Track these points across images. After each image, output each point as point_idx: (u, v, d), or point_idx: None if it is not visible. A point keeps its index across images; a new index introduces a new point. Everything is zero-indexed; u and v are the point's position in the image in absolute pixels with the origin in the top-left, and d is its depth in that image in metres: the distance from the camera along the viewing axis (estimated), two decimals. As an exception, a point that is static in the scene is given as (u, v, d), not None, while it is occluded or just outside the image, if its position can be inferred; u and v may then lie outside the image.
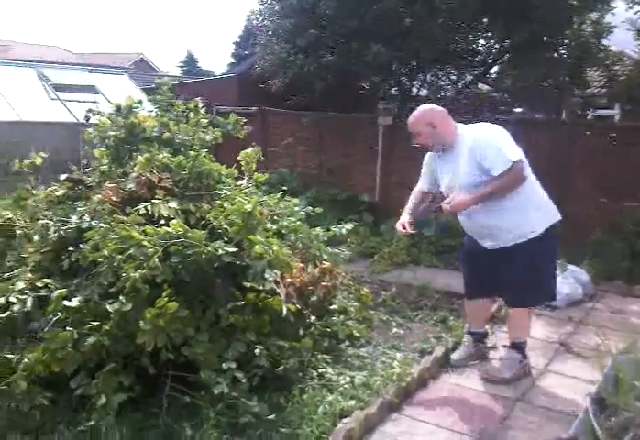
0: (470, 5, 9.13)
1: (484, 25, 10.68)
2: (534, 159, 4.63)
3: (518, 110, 12.72)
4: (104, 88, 12.16)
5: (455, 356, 5.07)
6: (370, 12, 9.59)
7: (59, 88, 11.37)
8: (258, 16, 12.08)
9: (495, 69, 11.98)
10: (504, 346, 5.14)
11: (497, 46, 11.24)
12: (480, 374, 4.85)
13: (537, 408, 4.36)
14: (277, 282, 4.40)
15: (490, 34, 10.97)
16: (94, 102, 11.65)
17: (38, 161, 5.43)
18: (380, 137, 10.34)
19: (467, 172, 4.44)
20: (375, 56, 9.41)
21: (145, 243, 3.73)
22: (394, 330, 5.77)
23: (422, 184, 4.99)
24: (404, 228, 4.75)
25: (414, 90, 12.14)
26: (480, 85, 12.35)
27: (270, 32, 11.73)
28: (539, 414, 4.26)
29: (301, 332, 4.70)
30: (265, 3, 11.91)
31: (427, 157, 4.91)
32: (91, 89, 11.93)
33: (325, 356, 4.85)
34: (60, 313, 3.90)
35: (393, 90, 12.06)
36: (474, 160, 4.38)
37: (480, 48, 11.52)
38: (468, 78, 11.91)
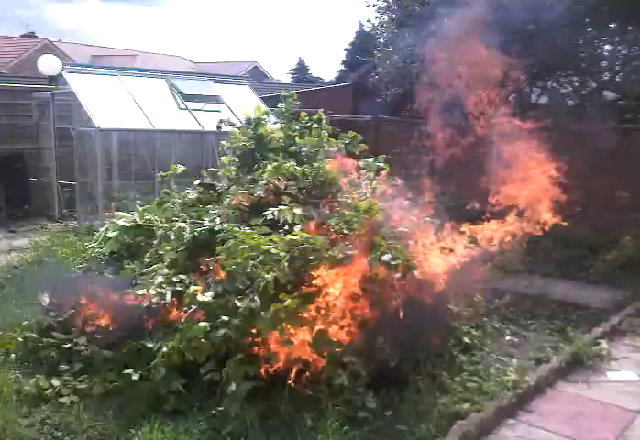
0: (600, 11, 8.84)
1: (611, 30, 10.28)
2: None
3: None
4: (228, 98, 12.77)
5: None
6: (494, 18, 9.50)
7: (187, 98, 12.08)
8: (374, 25, 12.24)
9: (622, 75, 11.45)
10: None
11: (624, 52, 10.76)
12: None
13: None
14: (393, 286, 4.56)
15: (617, 39, 10.52)
16: (218, 111, 12.30)
17: (179, 171, 5.87)
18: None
19: None
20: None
21: (272, 250, 4.02)
22: (508, 338, 5.75)
23: None
24: None
25: (534, 97, 11.85)
26: (605, 93, 11.85)
27: (385, 40, 11.87)
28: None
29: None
30: (382, 12, 12.07)
31: None
32: (215, 98, 12.58)
33: (438, 359, 4.92)
34: (194, 307, 4.24)
35: (510, 97, 11.83)
36: None
37: (605, 53, 11.07)
38: (593, 85, 11.47)
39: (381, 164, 5.68)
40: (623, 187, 8.56)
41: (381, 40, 12.19)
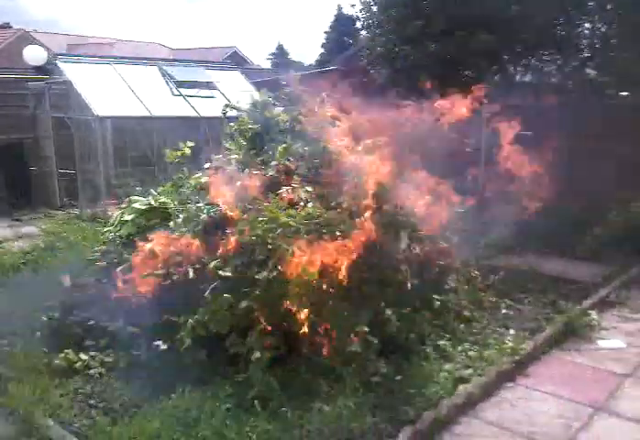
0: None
1: (590, 8, 10.56)
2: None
3: (624, 94, 12.43)
4: (220, 84, 12.99)
5: None
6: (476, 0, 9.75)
7: (180, 84, 12.27)
8: (358, 6, 12.33)
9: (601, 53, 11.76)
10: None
11: (603, 30, 11.06)
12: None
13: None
14: (398, 259, 4.88)
15: (596, 17, 10.81)
16: (212, 97, 12.52)
17: (188, 152, 6.08)
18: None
19: None
20: (482, 43, 9.54)
21: (291, 223, 4.29)
22: (504, 311, 6.07)
23: None
24: None
25: (518, 76, 12.13)
26: (587, 70, 12.15)
27: (371, 23, 11.98)
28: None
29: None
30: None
31: None
32: (208, 85, 12.78)
33: (440, 330, 5.26)
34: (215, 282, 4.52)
35: (496, 77, 12.09)
36: None
37: (585, 31, 11.36)
38: (574, 63, 11.77)
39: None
40: (608, 165, 8.88)
41: (368, 22, 12.34)
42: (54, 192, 11.62)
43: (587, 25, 11.20)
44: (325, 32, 39.13)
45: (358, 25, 16.24)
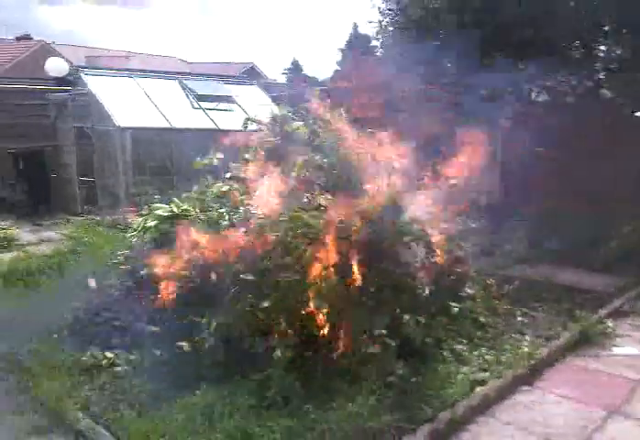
0: (595, 15, 9.31)
1: (605, 32, 10.74)
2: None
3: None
4: (239, 97, 13.23)
5: None
6: (491, 23, 9.96)
7: (200, 98, 12.53)
8: (375, 27, 12.56)
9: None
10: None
11: (618, 52, 11.23)
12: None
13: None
14: (415, 267, 5.00)
15: (612, 41, 10.99)
16: (231, 110, 12.76)
17: (215, 162, 6.27)
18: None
19: None
20: (497, 65, 9.75)
21: (312, 222, 4.44)
22: (519, 318, 6.16)
23: None
24: None
25: (533, 95, 12.30)
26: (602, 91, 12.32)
27: (388, 42, 12.25)
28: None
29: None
30: (385, 14, 12.46)
31: None
32: (227, 98, 13.03)
33: (456, 335, 5.35)
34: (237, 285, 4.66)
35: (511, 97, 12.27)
36: None
37: (600, 54, 11.54)
38: (589, 84, 11.93)
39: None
40: (624, 181, 9.00)
41: (384, 41, 12.56)
42: (74, 199, 11.86)
43: (602, 47, 11.37)
44: (341, 50, 39.52)
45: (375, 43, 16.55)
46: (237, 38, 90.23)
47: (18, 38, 29.71)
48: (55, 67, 14.57)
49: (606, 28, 10.54)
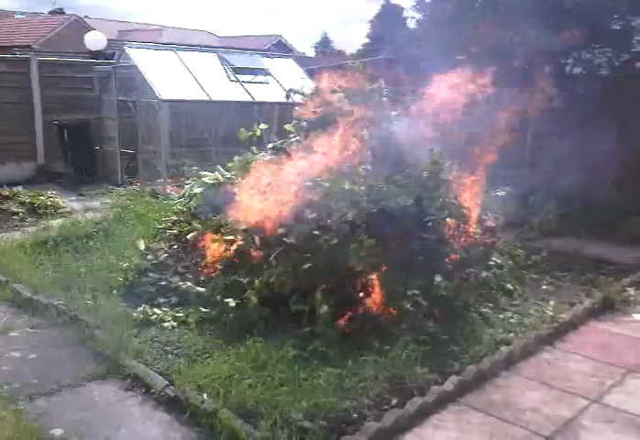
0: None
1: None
2: None
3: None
4: (274, 70, 13.46)
5: None
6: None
7: (236, 70, 12.79)
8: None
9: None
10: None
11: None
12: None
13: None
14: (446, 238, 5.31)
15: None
16: (267, 83, 13.02)
17: (258, 133, 6.56)
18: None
19: None
20: (534, 38, 9.79)
21: (355, 188, 4.74)
22: (544, 287, 6.41)
23: None
24: None
25: (567, 68, 12.27)
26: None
27: (425, 14, 12.31)
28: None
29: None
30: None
31: None
32: (263, 71, 13.27)
33: (484, 300, 5.64)
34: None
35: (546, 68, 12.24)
36: None
37: (638, 26, 11.45)
38: (626, 57, 11.86)
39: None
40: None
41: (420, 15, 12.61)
42: (115, 170, 12.29)
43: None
44: (370, 22, 39.09)
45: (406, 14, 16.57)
46: (264, 11, 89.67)
47: (52, 13, 30.22)
48: (94, 40, 14.96)
49: None
